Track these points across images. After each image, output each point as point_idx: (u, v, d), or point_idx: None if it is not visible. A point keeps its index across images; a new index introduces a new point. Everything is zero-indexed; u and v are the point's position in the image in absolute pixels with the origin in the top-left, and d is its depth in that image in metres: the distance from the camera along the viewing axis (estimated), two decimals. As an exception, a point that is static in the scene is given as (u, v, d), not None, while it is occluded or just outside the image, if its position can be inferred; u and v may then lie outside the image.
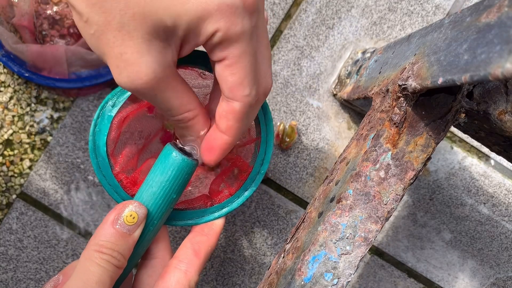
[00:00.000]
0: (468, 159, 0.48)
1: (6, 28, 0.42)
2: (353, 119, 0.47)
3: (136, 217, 0.26)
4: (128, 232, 0.26)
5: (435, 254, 0.49)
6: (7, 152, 0.44)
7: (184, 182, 0.28)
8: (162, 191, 0.27)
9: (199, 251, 0.29)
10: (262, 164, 0.31)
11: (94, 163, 0.29)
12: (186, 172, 0.27)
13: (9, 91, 0.44)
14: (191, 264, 0.28)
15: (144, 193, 0.27)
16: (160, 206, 0.27)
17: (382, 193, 0.28)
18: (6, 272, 0.44)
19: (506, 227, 0.49)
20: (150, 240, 0.29)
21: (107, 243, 0.26)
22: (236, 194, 0.32)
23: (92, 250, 0.25)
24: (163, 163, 0.27)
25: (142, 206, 0.27)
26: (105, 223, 0.26)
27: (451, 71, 0.21)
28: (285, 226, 0.47)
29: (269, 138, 0.31)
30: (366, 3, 0.46)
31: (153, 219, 0.28)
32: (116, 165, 0.30)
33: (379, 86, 0.31)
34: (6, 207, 0.44)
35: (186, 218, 0.31)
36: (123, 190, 0.30)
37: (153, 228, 0.28)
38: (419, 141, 0.28)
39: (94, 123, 0.29)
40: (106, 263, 0.25)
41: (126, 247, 0.26)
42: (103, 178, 0.30)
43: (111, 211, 0.27)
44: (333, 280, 0.27)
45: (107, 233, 0.26)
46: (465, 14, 0.22)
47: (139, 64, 0.21)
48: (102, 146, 0.29)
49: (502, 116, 0.28)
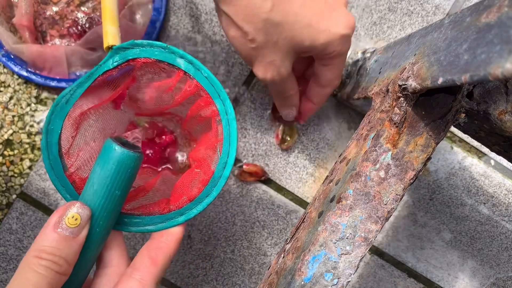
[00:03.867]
0: (468, 159, 0.48)
1: (6, 28, 0.42)
2: (353, 119, 0.47)
3: (78, 219, 0.25)
4: (72, 235, 0.25)
5: (435, 254, 0.49)
6: (7, 152, 0.44)
7: (128, 177, 0.26)
8: (105, 188, 0.25)
9: (156, 259, 0.27)
10: (224, 167, 0.29)
11: (46, 163, 0.28)
12: (129, 165, 0.26)
13: (9, 91, 0.44)
14: (147, 272, 0.27)
15: (86, 193, 0.26)
16: (103, 204, 0.26)
17: (382, 193, 0.28)
18: (6, 272, 0.44)
19: (506, 227, 0.49)
20: (99, 244, 0.27)
21: (47, 248, 0.24)
22: (196, 200, 0.29)
23: (31, 256, 0.24)
24: (103, 159, 0.25)
25: (85, 207, 0.25)
26: (47, 227, 0.24)
27: (451, 71, 0.21)
28: (285, 226, 0.47)
29: (232, 139, 0.29)
30: (366, 3, 0.46)
31: (98, 219, 0.26)
32: (70, 165, 0.28)
33: (379, 86, 0.31)
34: (6, 207, 0.44)
35: (141, 225, 0.29)
36: (76, 192, 0.28)
37: (100, 230, 0.26)
38: (419, 141, 0.28)
39: (47, 120, 0.27)
40: (45, 269, 0.24)
41: (70, 252, 0.24)
42: (55, 179, 0.28)
43: (53, 214, 0.25)
44: (333, 280, 0.27)
45: (49, 237, 0.24)
46: (465, 14, 0.22)
47: (282, 66, 0.33)
48: (55, 145, 0.27)
49: (502, 116, 0.28)
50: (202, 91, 0.29)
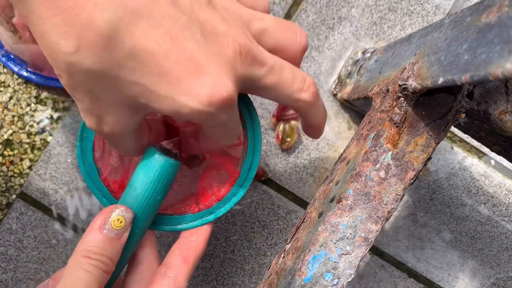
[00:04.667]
0: (468, 159, 0.48)
1: (6, 28, 0.42)
2: (353, 119, 0.47)
3: (123, 221, 0.26)
4: (116, 237, 0.26)
5: (435, 254, 0.49)
6: (7, 152, 0.44)
7: (167, 183, 0.28)
8: (147, 193, 0.27)
9: (188, 258, 0.29)
10: (250, 169, 0.31)
11: (82, 169, 0.29)
12: (170, 172, 0.27)
13: (9, 91, 0.44)
14: (180, 271, 0.28)
15: (128, 196, 0.27)
16: (145, 208, 0.27)
17: (382, 193, 0.28)
18: (6, 272, 0.44)
19: (506, 227, 0.49)
20: (136, 243, 0.29)
21: (95, 248, 0.25)
22: (224, 200, 0.31)
23: (79, 255, 0.25)
24: (146, 165, 0.27)
25: (129, 210, 0.27)
26: (92, 228, 0.26)
27: (451, 71, 0.21)
28: (285, 226, 0.47)
29: (257, 142, 0.31)
30: (366, 3, 0.46)
31: (139, 221, 0.28)
32: (104, 169, 0.30)
33: (379, 86, 0.31)
34: (6, 207, 0.44)
35: (173, 223, 0.31)
36: (111, 195, 0.30)
37: (139, 231, 0.28)
38: (419, 141, 0.28)
39: (81, 128, 0.29)
40: (94, 268, 0.25)
41: (114, 252, 0.26)
42: (91, 184, 0.29)
43: (97, 215, 0.26)
44: (333, 280, 0.27)
45: (95, 238, 0.26)
46: (465, 14, 0.22)
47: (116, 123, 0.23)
48: (89, 151, 0.29)
49: (502, 116, 0.28)
50: None
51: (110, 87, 0.21)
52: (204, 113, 0.21)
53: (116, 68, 0.20)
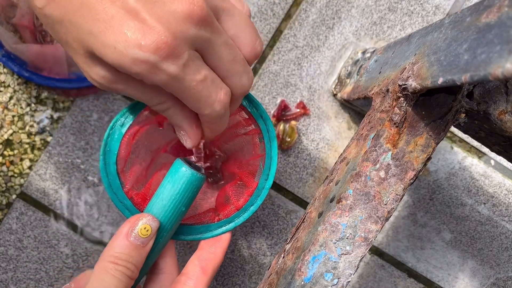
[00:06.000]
0: (468, 159, 0.48)
1: (6, 28, 0.42)
2: (353, 119, 0.47)
3: (149, 230, 0.27)
4: (142, 245, 0.27)
5: (435, 254, 0.49)
6: (7, 152, 0.44)
7: (192, 195, 0.29)
8: (173, 204, 0.28)
9: (207, 268, 0.30)
10: (267, 179, 0.32)
11: (105, 181, 0.30)
12: (195, 186, 0.28)
13: (9, 91, 0.44)
14: (199, 281, 0.29)
15: (155, 206, 0.28)
16: (170, 218, 0.28)
17: (382, 193, 0.28)
18: (6, 272, 0.44)
19: (506, 227, 0.49)
20: (158, 252, 0.30)
21: (122, 255, 0.26)
22: (243, 209, 0.33)
23: (107, 261, 0.26)
24: (173, 177, 0.28)
25: (155, 219, 0.28)
26: (119, 235, 0.27)
27: (451, 71, 0.21)
28: (285, 226, 0.47)
29: (273, 154, 0.32)
30: (366, 3, 0.46)
31: (163, 231, 0.28)
32: (126, 182, 0.31)
33: (379, 86, 0.31)
34: (6, 207, 0.44)
35: (194, 233, 0.32)
36: (134, 207, 0.31)
37: (162, 240, 0.29)
38: (419, 141, 0.28)
39: (104, 143, 0.30)
40: (121, 274, 0.26)
41: (139, 259, 0.27)
42: (114, 196, 0.30)
43: (124, 223, 0.27)
44: (333, 280, 0.27)
45: (122, 245, 0.27)
46: (465, 14, 0.22)
47: (91, 72, 0.25)
48: (112, 164, 0.30)
49: (502, 116, 0.28)
50: (245, 112, 0.32)
51: (72, 32, 0.23)
52: (144, 62, 0.22)
53: (72, 15, 0.22)
